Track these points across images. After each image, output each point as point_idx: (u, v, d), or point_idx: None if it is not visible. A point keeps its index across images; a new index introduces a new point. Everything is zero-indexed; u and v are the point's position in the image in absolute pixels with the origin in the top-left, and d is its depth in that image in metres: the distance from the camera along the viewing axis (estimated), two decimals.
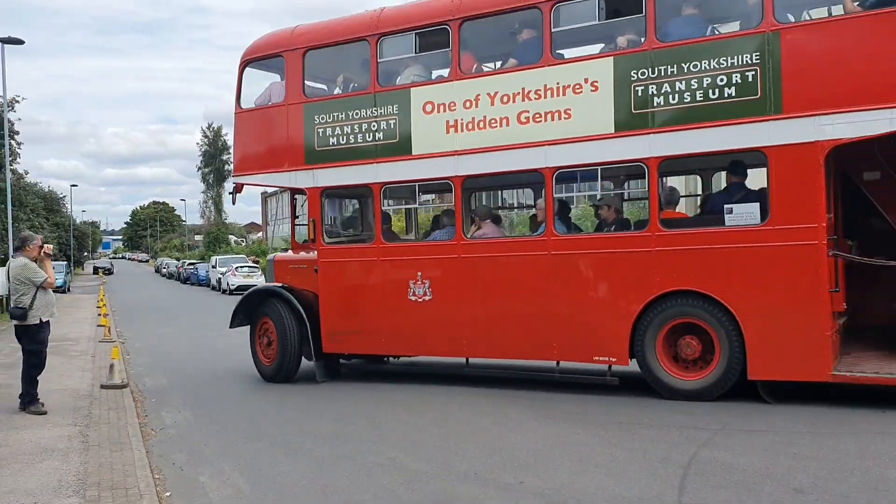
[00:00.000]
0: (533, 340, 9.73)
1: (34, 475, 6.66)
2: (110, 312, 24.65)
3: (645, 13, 8.89)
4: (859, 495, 5.50)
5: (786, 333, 8.23)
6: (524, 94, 9.66)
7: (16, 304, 9.12)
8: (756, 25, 8.40)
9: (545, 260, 9.60)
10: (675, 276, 8.77)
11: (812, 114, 8.06)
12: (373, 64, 10.77)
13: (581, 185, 10.32)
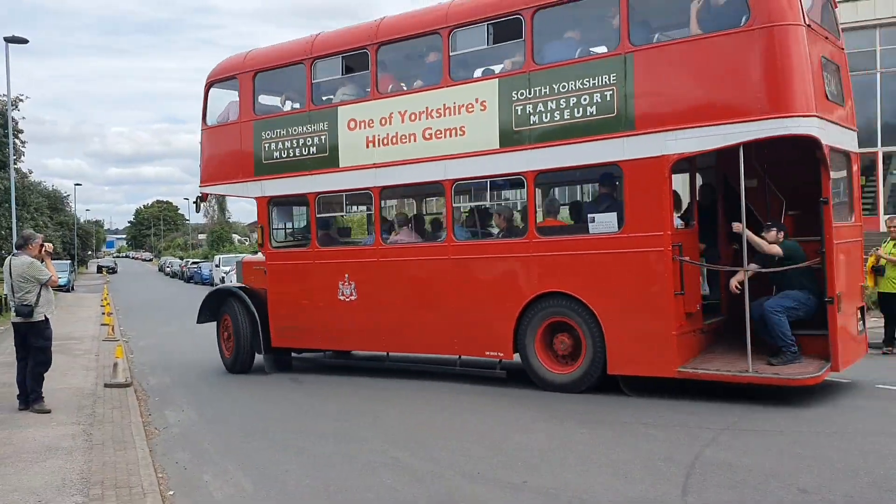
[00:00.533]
0: (438, 336, 10.58)
1: (38, 474, 6.66)
2: (114, 311, 24.68)
3: (524, 37, 9.62)
4: (864, 496, 5.48)
5: (638, 333, 8.87)
6: (428, 112, 10.51)
7: (21, 302, 9.17)
8: (614, 48, 9.10)
9: (446, 264, 10.50)
10: (549, 279, 9.56)
11: (659, 130, 8.67)
12: (308, 85, 11.78)
13: (476, 196, 11.09)
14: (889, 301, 11.72)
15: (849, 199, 9.54)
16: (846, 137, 9.28)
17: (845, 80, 9.47)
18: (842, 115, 9.20)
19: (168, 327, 21.81)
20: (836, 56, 9.29)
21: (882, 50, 22.15)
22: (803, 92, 8.19)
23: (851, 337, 8.97)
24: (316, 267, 11.85)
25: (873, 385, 9.39)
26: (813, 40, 8.42)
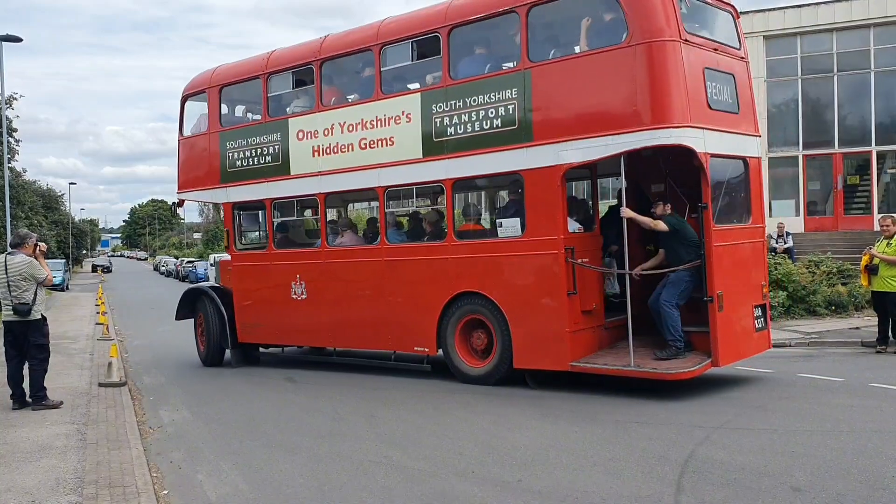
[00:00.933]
0: (374, 333, 11.36)
1: (32, 473, 6.66)
2: (109, 310, 24.65)
3: (441, 54, 10.30)
4: (857, 494, 5.50)
5: (538, 330, 9.51)
6: (363, 124, 11.20)
7: (19, 301, 9.19)
8: (516, 64, 9.68)
9: (380, 265, 11.25)
10: (465, 280, 10.24)
11: (553, 141, 9.26)
12: (264, 98, 12.63)
13: (405, 202, 11.95)
14: (882, 300, 11.75)
15: (746, 202, 9.92)
16: (740, 143, 9.64)
17: (743, 88, 9.81)
18: (734, 122, 9.53)
19: (163, 326, 21.76)
20: (729, 66, 9.58)
21: (875, 49, 22.22)
22: (677, 104, 8.64)
23: (743, 333, 9.39)
24: (273, 268, 12.70)
25: (866, 384, 9.42)
26: (693, 53, 8.83)
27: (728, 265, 9.12)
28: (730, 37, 9.90)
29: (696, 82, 8.86)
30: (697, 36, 9.14)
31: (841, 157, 22.78)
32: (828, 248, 19.79)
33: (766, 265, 10.39)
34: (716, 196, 9.12)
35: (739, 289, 9.29)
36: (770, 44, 23.22)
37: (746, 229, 9.75)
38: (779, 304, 15.57)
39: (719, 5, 9.93)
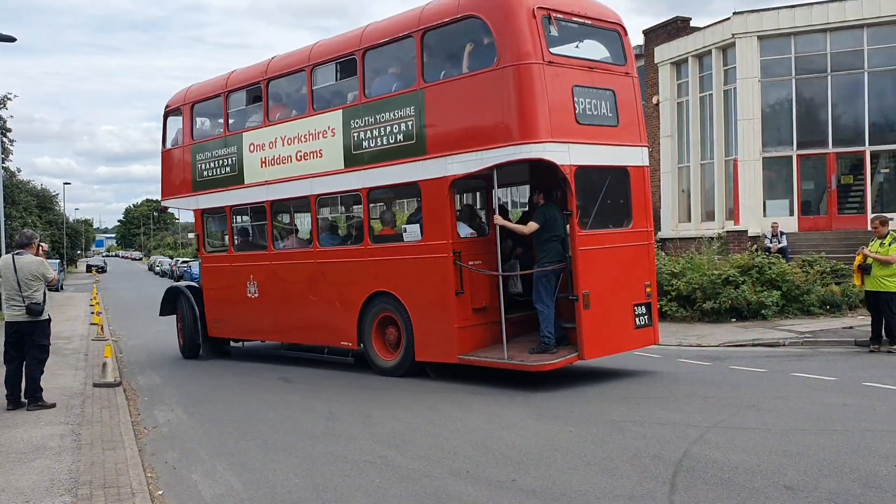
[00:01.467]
0: (310, 329, 12.46)
1: (26, 474, 6.65)
2: (103, 310, 24.59)
3: (357, 74, 11.32)
4: (850, 492, 5.52)
5: (433, 326, 10.39)
6: (299, 137, 12.28)
7: (31, 301, 9.26)
8: (413, 84, 10.58)
9: (313, 267, 12.31)
10: (379, 280, 11.16)
11: (442, 155, 10.17)
12: (224, 114, 13.95)
13: (333, 209, 13.03)
14: (875, 299, 11.80)
15: (626, 208, 10.59)
16: (619, 154, 10.39)
17: (626, 102, 10.50)
18: (612, 135, 10.26)
19: (158, 326, 21.70)
20: (608, 82, 10.30)
21: (869, 49, 22.26)
22: (541, 121, 9.45)
23: (617, 330, 10.10)
24: (232, 269, 13.96)
25: (860, 383, 9.46)
26: (559, 74, 9.62)
27: (598, 267, 9.80)
28: (613, 54, 10.72)
29: (564, 100, 9.65)
30: (567, 57, 9.97)
31: (835, 156, 22.83)
32: (822, 247, 19.84)
33: (651, 267, 10.89)
34: (591, 202, 10.08)
35: (613, 289, 9.96)
36: (764, 44, 23.24)
37: (625, 233, 10.43)
38: (773, 304, 15.63)
39: (602, 25, 10.64)
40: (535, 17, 9.49)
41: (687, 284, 16.30)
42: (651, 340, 10.78)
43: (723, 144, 24.94)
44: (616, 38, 10.78)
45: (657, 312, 10.94)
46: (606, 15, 10.78)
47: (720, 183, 24.98)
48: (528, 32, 9.43)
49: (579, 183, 9.71)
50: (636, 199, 10.63)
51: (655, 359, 12.18)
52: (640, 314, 10.40)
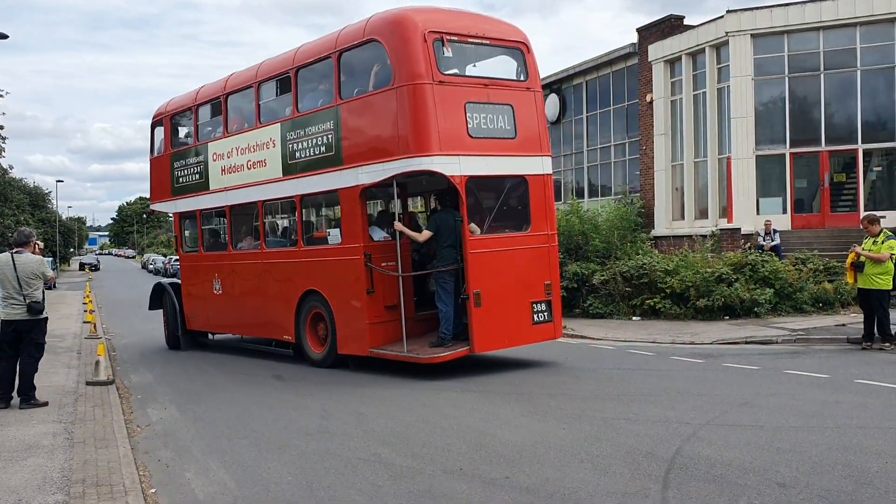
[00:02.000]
0: (260, 323, 13.59)
1: (18, 472, 6.63)
2: (96, 309, 24.53)
3: (292, 91, 12.32)
4: (842, 489, 5.55)
5: (349, 322, 11.33)
6: (249, 148, 13.34)
7: (32, 299, 9.31)
8: (332, 101, 11.53)
9: (261, 267, 13.39)
10: (310, 280, 12.10)
11: (355, 166, 11.11)
12: (195, 125, 15.23)
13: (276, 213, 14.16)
14: (868, 297, 11.84)
15: (525, 214, 11.38)
16: (516, 164, 11.20)
17: (526, 115, 11.27)
18: (509, 147, 11.05)
19: (151, 324, 21.65)
20: (506, 97, 11.09)
21: (862, 48, 22.32)
22: (432, 136, 10.28)
23: (511, 326, 10.84)
24: (203, 268, 15.16)
25: (852, 380, 9.50)
26: (451, 92, 10.49)
27: (490, 268, 10.61)
28: (514, 72, 11.52)
29: (455, 116, 10.47)
30: (460, 76, 11.03)
31: (827, 154, 22.89)
32: (814, 245, 19.91)
33: (552, 267, 11.53)
34: (487, 209, 11.12)
35: (507, 288, 10.75)
36: (757, 42, 23.28)
37: (523, 237, 11.22)
38: (766, 301, 15.67)
39: (502, 44, 11.45)
40: (427, 40, 10.35)
41: (680, 282, 16.33)
42: (551, 335, 11.50)
43: (716, 142, 24.99)
44: (518, 55, 11.55)
45: (560, 309, 11.69)
46: (508, 34, 11.58)
47: (714, 181, 25.03)
48: (419, 55, 10.31)
49: (472, 192, 10.71)
50: (535, 205, 11.35)
51: (649, 356, 12.21)
52: (538, 311, 11.19)
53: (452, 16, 11.21)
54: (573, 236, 18.89)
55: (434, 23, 10.63)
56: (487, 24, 11.49)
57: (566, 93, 33.10)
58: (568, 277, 17.78)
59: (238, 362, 13.50)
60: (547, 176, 11.56)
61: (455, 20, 11.07)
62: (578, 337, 14.87)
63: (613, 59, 29.87)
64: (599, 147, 31.34)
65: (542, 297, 11.22)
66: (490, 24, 11.57)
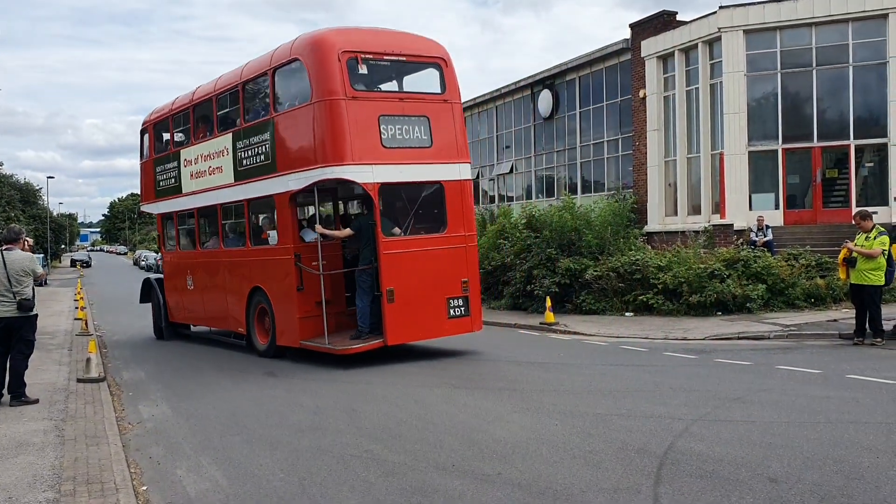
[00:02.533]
0: (221, 317, 14.85)
1: (8, 470, 6.59)
2: (88, 305, 24.41)
3: (240, 103, 13.48)
4: (833, 484, 5.56)
5: (285, 315, 12.43)
6: (210, 155, 14.52)
7: (22, 296, 9.28)
8: (269, 114, 12.67)
9: (221, 265, 14.73)
10: (255, 277, 13.29)
11: (285, 173, 12.16)
12: (171, 133, 16.73)
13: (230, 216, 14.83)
14: (859, 292, 11.87)
15: (441, 216, 12.28)
16: (432, 171, 12.10)
17: (442, 125, 12.17)
18: (424, 155, 11.98)
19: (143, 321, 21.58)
20: (421, 110, 12.04)
21: (854, 44, 22.37)
22: (346, 147, 11.23)
23: (424, 320, 11.75)
24: (179, 265, 16.55)
25: (844, 375, 9.52)
26: (364, 106, 11.42)
27: (403, 267, 11.50)
28: (433, 85, 12.37)
29: (369, 128, 11.38)
30: (374, 91, 12.00)
31: (820, 150, 22.94)
32: (807, 241, 19.94)
33: (469, 264, 12.37)
34: (402, 213, 12.14)
35: (421, 285, 11.62)
36: (750, 38, 23.30)
37: (439, 238, 12.09)
38: (758, 297, 15.70)
39: (421, 59, 12.39)
40: (341, 59, 11.29)
41: (673, 278, 16.35)
42: (468, 328, 12.34)
43: (709, 138, 25.03)
44: (436, 70, 12.41)
45: (478, 304, 12.58)
46: (426, 50, 12.43)
47: (706, 177, 25.07)
48: (334, 73, 11.28)
49: (386, 197, 11.91)
50: (452, 208, 12.19)
51: (641, 352, 12.22)
52: (455, 306, 12.08)
53: (371, 35, 12.32)
54: (566, 232, 18.85)
55: (350, 43, 11.58)
56: (407, 42, 12.42)
57: (559, 89, 33.11)
58: (560, 273, 17.79)
59: (230, 359, 13.46)
60: (464, 181, 12.41)
61: (372, 40, 12.09)
62: (571, 333, 14.88)
63: (606, 55, 29.87)
64: (592, 143, 31.35)
65: (459, 293, 12.06)
66: (409, 42, 12.47)
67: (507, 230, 20.79)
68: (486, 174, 39.56)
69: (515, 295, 19.16)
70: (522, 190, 36.53)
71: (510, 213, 22.97)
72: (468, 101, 40.04)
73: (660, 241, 24.11)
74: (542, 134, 34.64)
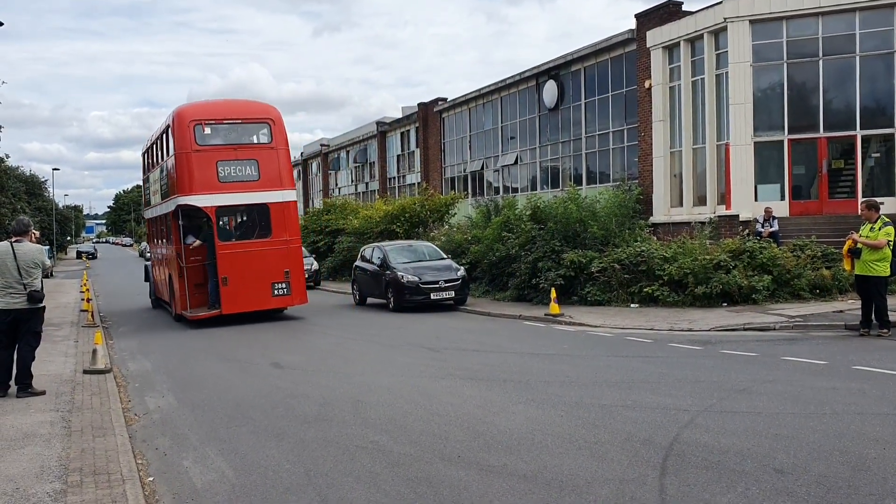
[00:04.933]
0: (164, 292, 20.70)
1: (16, 461, 6.62)
2: (94, 297, 24.47)
3: (158, 149, 20.02)
4: (839, 475, 5.55)
5: (177, 293, 18.14)
6: (157, 180, 20.60)
7: (32, 288, 9.32)
8: (165, 158, 18.83)
9: (163, 258, 20.63)
10: (171, 267, 18.91)
11: (173, 198, 17.98)
12: (152, 157, 21.95)
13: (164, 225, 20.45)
14: (865, 283, 11.83)
15: (267, 227, 17.92)
16: (259, 197, 17.77)
17: (269, 165, 17.92)
18: (253, 186, 17.69)
19: (148, 313, 21.68)
20: (252, 154, 17.95)
21: (861, 33, 22.23)
22: (192, 183, 17.15)
23: (252, 298, 17.44)
24: (156, 256, 22.76)
25: (849, 367, 9.50)
26: (206, 156, 17.29)
27: (235, 262, 17.22)
28: (264, 137, 18.23)
29: (209, 170, 17.25)
30: (213, 145, 17.62)
31: (826, 141, 22.83)
32: (812, 232, 19.88)
33: (291, 260, 17.88)
34: (236, 225, 18.69)
35: (249, 274, 17.26)
36: (756, 28, 23.18)
37: (265, 242, 17.79)
38: (764, 288, 15.67)
39: (253, 120, 18.30)
40: (189, 126, 17.29)
41: (678, 269, 16.33)
42: (290, 303, 18.16)
43: (715, 129, 24.92)
44: (266, 125, 18.17)
45: (300, 286, 18.06)
46: (258, 113, 18.46)
47: (712, 167, 24.98)
48: (185, 135, 17.35)
49: (223, 215, 18.10)
50: (276, 221, 17.86)
51: (647, 343, 12.21)
52: (278, 288, 17.72)
53: (214, 106, 18.53)
54: (571, 224, 18.82)
55: (196, 114, 17.66)
56: (244, 108, 18.70)
57: (564, 79, 33.00)
58: (566, 266, 17.77)
59: (236, 350, 13.49)
60: (287, 202, 18.11)
61: (214, 110, 18.22)
62: (576, 324, 14.87)
63: (611, 46, 29.76)
64: (598, 134, 31.27)
65: (282, 279, 17.75)
66: (246, 108, 18.77)
67: (511, 222, 20.76)
68: (490, 165, 39.51)
69: (520, 287, 19.15)
70: (527, 181, 36.47)
71: (515, 205, 22.93)
72: (472, 93, 40.02)
73: (665, 232, 24.06)
74: (547, 125, 34.56)
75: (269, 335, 15.39)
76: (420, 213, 29.61)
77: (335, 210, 36.95)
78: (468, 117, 41.68)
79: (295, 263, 17.80)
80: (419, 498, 5.53)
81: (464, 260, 21.83)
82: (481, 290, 21.19)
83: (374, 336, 14.61)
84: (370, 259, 21.29)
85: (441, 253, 21.22)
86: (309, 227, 37.49)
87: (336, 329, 16.23)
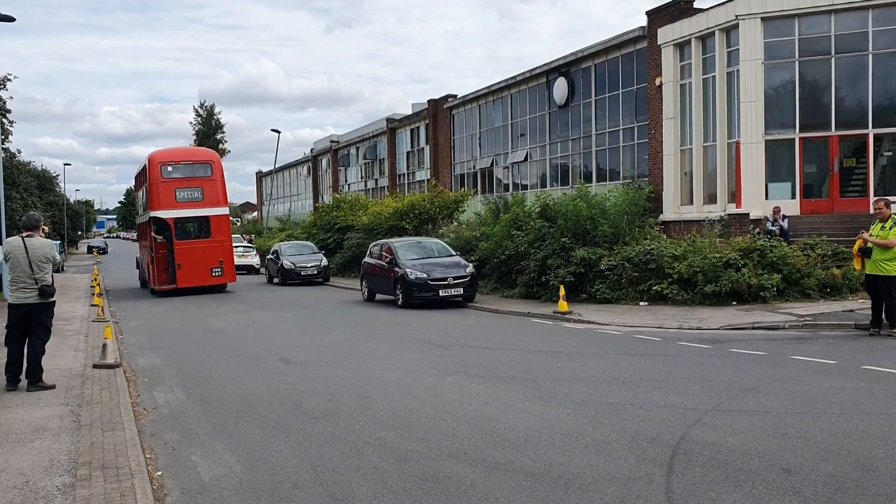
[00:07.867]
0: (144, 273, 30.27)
1: (26, 454, 6.67)
2: (104, 292, 24.61)
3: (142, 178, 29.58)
4: (847, 475, 5.53)
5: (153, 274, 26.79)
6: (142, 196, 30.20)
7: (43, 283, 9.41)
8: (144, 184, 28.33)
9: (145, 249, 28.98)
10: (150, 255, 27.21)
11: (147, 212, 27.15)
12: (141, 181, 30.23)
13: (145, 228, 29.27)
14: (875, 283, 11.77)
15: (207, 230, 26.15)
16: (204, 212, 26.15)
17: (210, 191, 26.26)
18: (200, 205, 26.05)
19: (158, 308, 21.78)
20: (199, 184, 26.22)
21: (874, 31, 22.09)
22: (158, 202, 25.81)
23: (198, 278, 25.91)
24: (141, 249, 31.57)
25: (859, 366, 9.46)
26: (168, 185, 25.87)
27: (186, 254, 25.53)
28: (206, 172, 26.53)
29: (170, 194, 25.68)
30: (174, 178, 25.90)
31: (837, 139, 22.71)
32: (823, 230, 19.80)
33: (224, 253, 26.46)
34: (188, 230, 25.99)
35: (195, 262, 25.57)
36: (767, 26, 23.08)
37: (206, 241, 25.96)
38: (773, 287, 15.62)
39: (201, 161, 27.10)
40: (158, 166, 25.89)
41: (688, 267, 16.29)
42: (223, 282, 26.67)
43: (725, 127, 24.84)
44: (209, 165, 26.75)
45: (231, 269, 26.80)
46: (204, 156, 28.02)
47: (722, 165, 24.89)
48: (155, 171, 25.86)
49: (179, 224, 25.67)
50: (214, 228, 26.14)
51: (655, 342, 12.19)
52: (215, 271, 26.11)
53: (175, 152, 27.76)
54: (580, 221, 18.79)
55: (163, 158, 26.38)
56: (195, 153, 29.87)
57: (574, 76, 32.94)
58: (575, 263, 17.75)
59: (244, 346, 13.54)
60: (222, 215, 26.50)
61: (175, 154, 27.20)
62: (584, 322, 14.85)
63: (622, 43, 29.68)
64: (608, 131, 31.21)
65: (218, 266, 26.14)
66: (197, 153, 30.53)
67: (520, 219, 20.75)
68: (500, 162, 39.49)
69: (529, 284, 19.15)
70: (537, 178, 36.44)
71: (524, 202, 22.90)
72: (482, 90, 39.99)
73: (675, 230, 23.99)
74: (557, 122, 34.50)
75: (278, 331, 15.43)
76: (429, 210, 29.67)
77: (345, 206, 37.02)
78: (478, 114, 41.66)
79: (227, 255, 26.62)
80: (425, 494, 5.54)
81: (472, 257, 21.85)
82: (490, 288, 21.20)
83: (382, 332, 14.63)
84: (379, 255, 21.34)
85: (450, 250, 21.23)
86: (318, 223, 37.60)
87: (344, 325, 16.27)
